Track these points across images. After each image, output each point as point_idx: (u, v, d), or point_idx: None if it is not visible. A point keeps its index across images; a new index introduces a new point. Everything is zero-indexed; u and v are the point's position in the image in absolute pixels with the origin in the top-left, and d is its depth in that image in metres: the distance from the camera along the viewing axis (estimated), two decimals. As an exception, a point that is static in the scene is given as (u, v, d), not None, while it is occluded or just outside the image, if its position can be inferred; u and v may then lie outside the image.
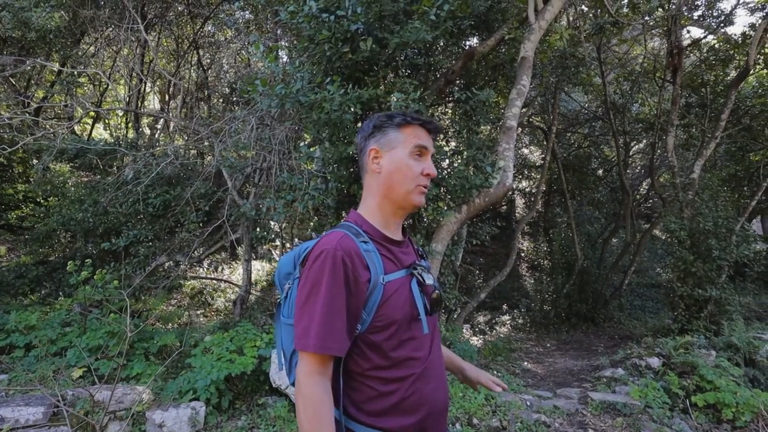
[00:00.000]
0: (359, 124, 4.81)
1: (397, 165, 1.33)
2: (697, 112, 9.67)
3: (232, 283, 10.55)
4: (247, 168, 5.79)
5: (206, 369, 4.29)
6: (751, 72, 8.06)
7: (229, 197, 5.86)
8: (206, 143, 7.97)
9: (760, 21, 7.68)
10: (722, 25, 8.50)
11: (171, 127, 9.68)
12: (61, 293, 6.60)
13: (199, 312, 9.62)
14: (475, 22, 5.42)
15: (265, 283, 11.66)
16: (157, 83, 10.92)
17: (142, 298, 6.66)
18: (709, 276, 7.05)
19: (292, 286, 1.35)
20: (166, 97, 11.21)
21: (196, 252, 7.21)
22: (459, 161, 5.05)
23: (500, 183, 4.97)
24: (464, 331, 8.65)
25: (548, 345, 8.71)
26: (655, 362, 5.40)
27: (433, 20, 4.33)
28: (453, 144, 6.02)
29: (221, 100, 9.93)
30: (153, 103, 12.47)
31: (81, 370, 4.33)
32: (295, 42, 5.17)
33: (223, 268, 11.68)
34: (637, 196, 13.95)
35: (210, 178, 6.35)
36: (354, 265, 1.21)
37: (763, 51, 8.25)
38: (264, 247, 11.92)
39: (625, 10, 8.36)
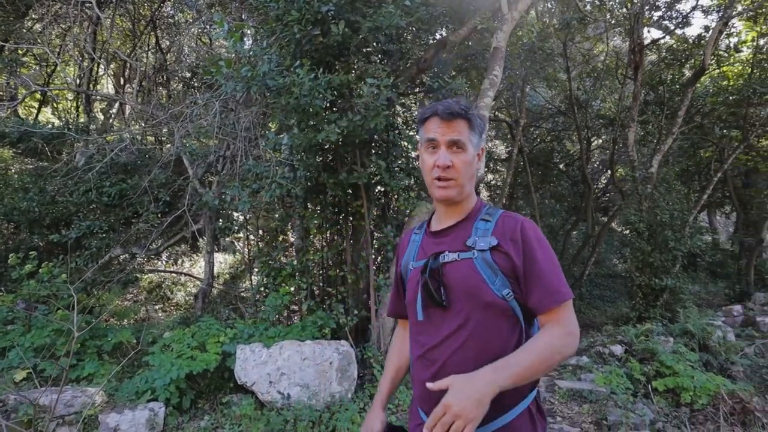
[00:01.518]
0: (327, 113, 4.65)
1: (420, 162, 1.41)
2: (653, 110, 10.02)
3: (193, 276, 10.16)
4: (209, 155, 5.51)
5: (166, 367, 4.05)
6: (706, 72, 8.40)
7: (191, 186, 5.56)
8: (165, 129, 7.58)
9: (714, 23, 8.01)
10: (680, 26, 8.80)
11: (126, 112, 9.15)
12: (2, 288, 6.11)
13: (157, 307, 9.21)
14: (447, 11, 5.34)
15: (228, 275, 11.31)
16: (111, 65, 10.28)
17: (95, 293, 6.27)
18: (665, 266, 7.34)
19: None
20: (121, 81, 10.58)
21: (154, 244, 6.85)
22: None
23: (472, 174, 4.93)
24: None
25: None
26: (618, 350, 5.56)
27: (407, 6, 4.21)
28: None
29: (181, 85, 9.46)
30: (106, 86, 11.76)
31: (24, 372, 4.00)
32: (261, 23, 4.93)
33: (183, 261, 11.24)
34: (595, 190, 14.41)
35: (170, 166, 6.01)
36: (401, 249, 1.54)
37: (716, 52, 8.61)
38: (227, 238, 11.55)
39: (589, 7, 8.53)
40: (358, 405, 4.11)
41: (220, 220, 6.21)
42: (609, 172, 12.46)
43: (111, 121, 10.24)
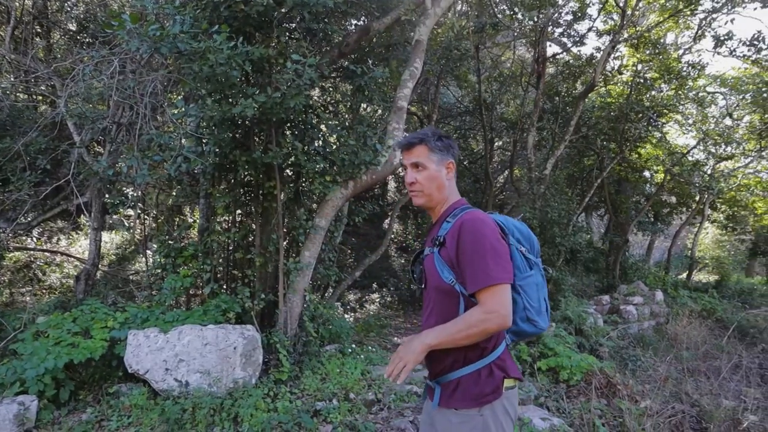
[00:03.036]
0: (244, 87, 4.39)
1: None
2: (549, 118, 10.99)
3: (72, 256, 9.07)
4: (101, 121, 4.90)
5: (39, 356, 3.58)
6: (595, 88, 9.38)
7: (77, 153, 4.91)
8: (43, 87, 6.61)
9: (605, 45, 8.96)
10: (576, 44, 9.73)
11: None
12: None
13: (24, 290, 8.07)
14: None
15: (113, 257, 10.26)
16: (-27, 4, 8.65)
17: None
18: (551, 259, 8.13)
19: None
20: (-15, 25, 8.95)
21: (24, 217, 5.97)
22: (349, 136, 4.95)
23: (388, 162, 5.01)
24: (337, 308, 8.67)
25: (415, 321, 9.22)
26: (509, 335, 6.04)
27: (335, -15, 4.12)
28: (342, 118, 5.89)
29: (66, 37, 8.29)
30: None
31: None
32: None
33: (59, 239, 9.97)
34: (493, 188, 15.43)
35: (54, 129, 5.23)
36: None
37: (604, 71, 9.66)
38: (115, 215, 10.47)
39: (500, 16, 9.06)
40: (262, 391, 3.99)
41: (106, 194, 5.55)
42: (507, 171, 13.43)
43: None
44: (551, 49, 10.84)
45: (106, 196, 5.59)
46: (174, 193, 6.81)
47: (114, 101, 4.75)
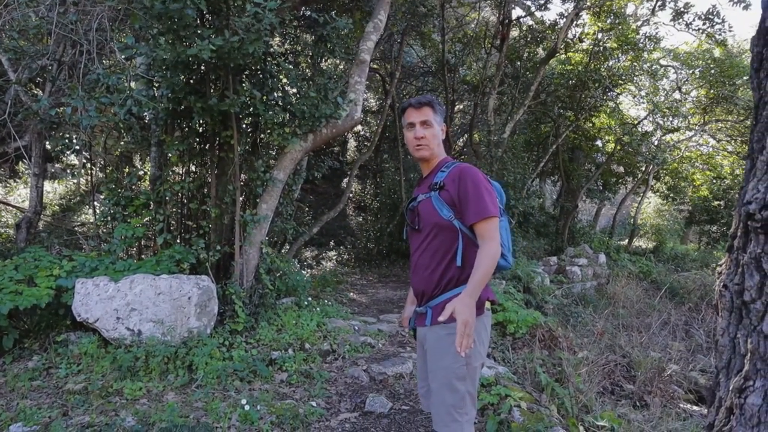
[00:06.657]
0: (200, 28, 4.15)
1: (405, 139, 2.09)
2: (509, 82, 11.09)
3: (9, 205, 8.54)
4: (42, 59, 4.52)
5: (-22, 303, 3.42)
6: (556, 54, 9.50)
7: (13, 90, 4.53)
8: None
9: (568, 11, 9.02)
10: (541, 8, 9.73)
11: None
12: None
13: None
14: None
15: (57, 207, 9.74)
16: None
17: None
18: (505, 221, 8.42)
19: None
20: None
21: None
22: (310, 88, 4.82)
23: (349, 116, 4.95)
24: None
25: (371, 278, 9.41)
26: (461, 290, 6.30)
27: None
28: (302, 70, 5.72)
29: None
30: None
31: None
32: None
33: (-6, 186, 9.33)
34: (453, 151, 15.59)
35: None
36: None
37: (566, 38, 9.77)
38: (56, 164, 9.88)
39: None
40: (217, 340, 4.02)
41: (48, 139, 5.20)
42: (467, 135, 13.57)
43: None
44: (515, 12, 10.82)
45: (47, 141, 5.24)
46: (123, 141, 6.48)
47: (54, 37, 4.38)
